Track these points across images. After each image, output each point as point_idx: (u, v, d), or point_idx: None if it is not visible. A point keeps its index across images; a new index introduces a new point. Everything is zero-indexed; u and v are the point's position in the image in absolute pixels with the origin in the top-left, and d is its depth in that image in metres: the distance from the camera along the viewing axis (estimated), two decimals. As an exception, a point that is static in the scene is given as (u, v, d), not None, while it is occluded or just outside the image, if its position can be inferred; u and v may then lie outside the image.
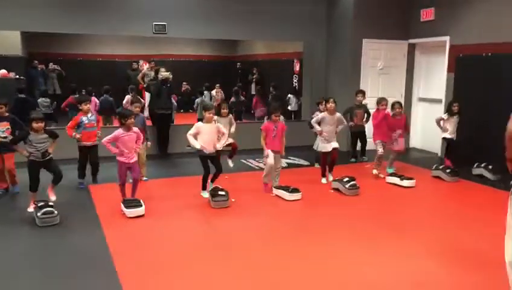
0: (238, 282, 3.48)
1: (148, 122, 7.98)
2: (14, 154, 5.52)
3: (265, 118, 6.96)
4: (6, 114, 5.57)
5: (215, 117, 5.95)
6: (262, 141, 5.85)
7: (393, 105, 6.93)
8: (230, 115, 6.68)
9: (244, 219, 4.94)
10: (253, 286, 3.43)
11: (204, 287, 3.40)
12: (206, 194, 5.56)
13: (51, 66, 11.25)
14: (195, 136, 5.47)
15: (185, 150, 8.05)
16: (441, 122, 7.14)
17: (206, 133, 5.49)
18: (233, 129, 6.53)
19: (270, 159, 5.79)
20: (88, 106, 6.00)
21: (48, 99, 9.27)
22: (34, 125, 4.89)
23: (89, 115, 5.99)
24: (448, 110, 7.09)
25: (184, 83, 12.13)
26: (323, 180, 6.45)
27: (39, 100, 9.13)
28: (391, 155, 7.00)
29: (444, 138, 7.21)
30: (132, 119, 5.13)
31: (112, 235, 4.33)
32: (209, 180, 5.69)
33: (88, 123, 5.94)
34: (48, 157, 4.99)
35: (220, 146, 5.66)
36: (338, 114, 6.43)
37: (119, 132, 5.07)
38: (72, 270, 3.64)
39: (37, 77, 10.80)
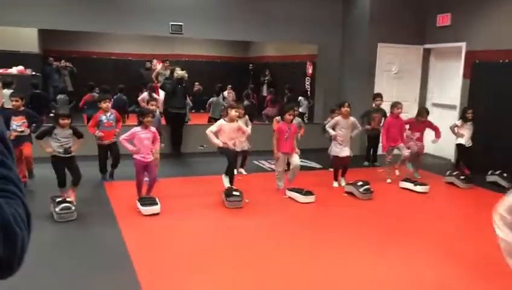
0: (251, 282, 3.51)
1: (163, 121, 8.05)
2: (31, 144, 5.59)
3: (275, 118, 6.96)
4: (22, 108, 5.65)
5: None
6: (274, 141, 5.86)
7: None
8: (246, 116, 6.72)
9: (258, 220, 4.96)
10: (266, 286, 3.45)
11: (218, 286, 3.42)
12: (227, 182, 5.58)
13: (63, 62, 11.32)
14: (216, 133, 5.50)
15: (198, 150, 8.11)
16: (455, 129, 7.12)
17: (228, 132, 5.54)
18: (249, 130, 6.55)
19: (281, 161, 5.81)
20: (107, 104, 6.05)
21: (67, 97, 9.37)
22: (61, 121, 4.98)
23: (108, 114, 6.04)
24: (462, 117, 7.07)
25: (196, 83, 12.16)
26: (335, 184, 6.44)
27: (58, 97, 9.23)
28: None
29: (459, 145, 7.16)
30: (150, 118, 5.17)
31: (129, 232, 4.37)
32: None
33: (107, 122, 5.99)
34: (70, 155, 5.04)
35: (238, 142, 5.70)
36: (352, 118, 6.42)
37: (136, 129, 5.12)
38: (90, 267, 3.67)
39: (52, 73, 10.89)
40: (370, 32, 8.61)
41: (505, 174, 6.66)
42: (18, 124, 5.56)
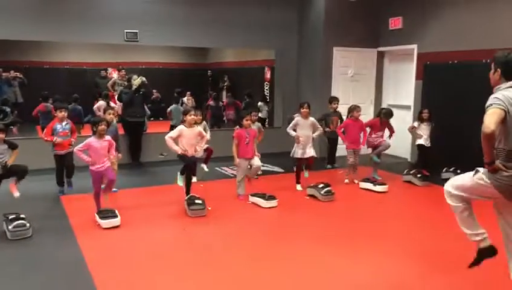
0: (219, 291, 3.47)
1: (121, 131, 7.87)
2: None
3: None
4: None
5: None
6: (234, 148, 5.85)
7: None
8: (204, 122, 6.70)
9: (221, 227, 4.92)
10: (235, 294, 3.42)
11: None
12: (181, 181, 5.54)
13: (12, 73, 10.89)
14: (176, 139, 5.42)
15: (158, 159, 7.99)
16: (413, 130, 7.31)
17: (188, 137, 5.47)
18: (208, 136, 6.53)
19: (243, 167, 5.81)
20: (63, 113, 5.88)
21: (8, 108, 9.00)
22: None
23: (64, 123, 5.87)
24: (419, 118, 7.28)
25: (154, 90, 11.98)
26: (298, 187, 6.49)
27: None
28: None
29: (418, 145, 7.35)
30: (103, 126, 5.04)
31: (88, 247, 4.23)
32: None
33: (62, 131, 5.82)
34: (7, 169, 4.91)
35: (200, 149, 5.63)
36: (312, 118, 6.48)
37: (91, 140, 4.98)
38: (49, 285, 3.53)
39: (1, 85, 10.44)
40: (325, 36, 8.76)
41: (459, 171, 6.89)
42: None
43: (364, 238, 4.61)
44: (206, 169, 6.96)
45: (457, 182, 3.14)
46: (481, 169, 2.95)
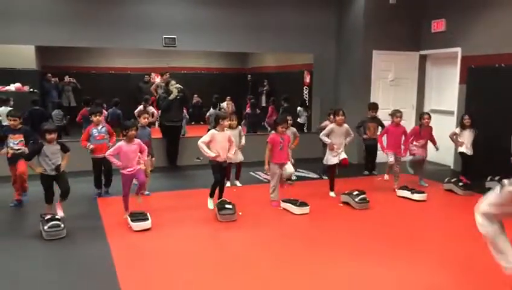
0: (242, 298, 3.44)
1: (158, 134, 8.02)
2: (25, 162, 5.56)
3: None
4: (20, 126, 5.63)
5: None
6: (267, 152, 5.80)
7: (422, 116, 7.05)
8: (240, 127, 6.70)
9: (250, 233, 4.89)
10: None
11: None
12: (211, 204, 5.54)
13: (67, 78, 11.38)
14: (208, 144, 5.46)
15: (194, 162, 8.08)
16: (454, 136, 7.02)
17: (220, 142, 5.49)
18: (243, 141, 6.53)
19: (276, 173, 5.78)
20: (98, 117, 6.01)
21: (62, 112, 9.37)
22: (48, 136, 4.98)
23: (99, 127, 6.01)
24: (460, 124, 6.98)
25: (195, 95, 12.17)
26: (332, 194, 6.36)
27: (53, 113, 9.24)
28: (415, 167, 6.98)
29: (460, 153, 7.05)
30: (133, 131, 5.12)
31: (118, 249, 4.32)
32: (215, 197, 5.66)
33: (98, 135, 5.96)
34: (59, 172, 5.04)
35: (231, 155, 5.61)
36: (346, 125, 6.34)
37: (121, 143, 5.10)
38: (75, 284, 3.62)
39: (50, 90, 10.92)
40: (364, 39, 8.58)
41: (505, 181, 6.55)
42: (15, 142, 5.54)
43: (396, 248, 4.44)
44: (238, 184, 6.94)
45: (487, 202, 3.07)
46: (506, 181, 2.82)
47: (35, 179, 5.23)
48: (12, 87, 9.21)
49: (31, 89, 9.55)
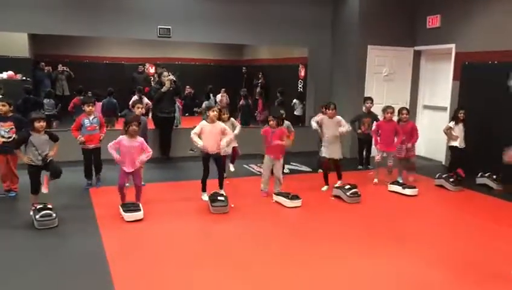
0: (233, 288, 3.45)
1: (151, 125, 7.99)
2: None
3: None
4: (11, 114, 5.56)
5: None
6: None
7: (400, 111, 6.89)
8: (232, 119, 6.72)
9: (242, 225, 4.91)
10: (248, 294, 3.41)
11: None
12: (206, 197, 5.56)
13: (60, 67, 11.32)
14: (200, 135, 5.46)
15: (187, 154, 8.06)
16: (449, 131, 6.99)
17: (209, 133, 5.50)
18: (237, 131, 6.52)
19: (267, 164, 5.83)
20: (91, 107, 5.97)
21: (52, 101, 9.32)
22: (36, 124, 4.88)
23: (91, 117, 5.97)
24: (454, 118, 6.97)
25: (187, 86, 12.14)
26: (324, 188, 6.38)
27: (44, 101, 9.19)
28: (400, 163, 6.88)
29: (452, 147, 7.04)
30: (134, 127, 4.98)
31: (109, 239, 4.32)
32: (218, 187, 5.72)
33: (90, 126, 5.93)
34: (46, 162, 4.96)
35: (224, 144, 5.60)
36: (338, 117, 6.32)
37: (123, 138, 5.03)
38: (67, 273, 3.63)
39: (43, 78, 10.86)
40: (360, 34, 8.58)
41: (495, 176, 6.62)
42: (6, 130, 5.46)
43: (386, 241, 4.49)
44: (232, 169, 6.99)
45: None
46: None
47: (24, 168, 5.18)
48: (4, 75, 9.15)
49: (24, 78, 9.48)
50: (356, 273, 3.76)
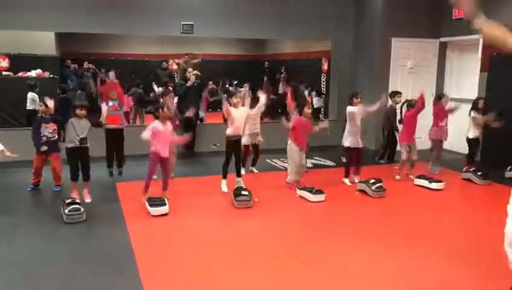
0: (256, 283, 3.48)
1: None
2: (60, 155, 5.68)
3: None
4: (49, 116, 5.59)
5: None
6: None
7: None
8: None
9: (266, 220, 4.93)
10: (274, 287, 3.42)
11: (223, 288, 3.41)
12: (225, 186, 5.78)
13: (86, 65, 11.55)
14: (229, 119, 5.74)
15: (211, 149, 8.14)
16: (478, 120, 6.87)
17: (239, 117, 5.74)
18: (262, 100, 6.38)
19: (295, 153, 5.92)
20: (114, 92, 6.30)
21: (84, 92, 9.72)
22: (78, 112, 5.21)
23: (115, 101, 6.27)
24: (475, 108, 6.83)
25: (210, 82, 12.21)
26: (346, 181, 6.34)
27: (78, 92, 9.66)
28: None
29: (473, 139, 6.92)
30: (166, 110, 5.17)
31: (136, 233, 4.40)
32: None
33: (112, 106, 6.20)
34: (84, 145, 5.25)
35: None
36: (361, 106, 6.32)
37: (156, 124, 5.16)
38: (93, 267, 3.70)
39: (69, 75, 11.10)
40: (383, 26, 8.47)
41: (525, 170, 6.47)
42: (49, 131, 5.57)
43: (410, 236, 4.44)
44: (255, 171, 6.98)
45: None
46: None
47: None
48: (33, 73, 9.36)
49: (51, 75, 9.70)
50: (378, 268, 3.73)
